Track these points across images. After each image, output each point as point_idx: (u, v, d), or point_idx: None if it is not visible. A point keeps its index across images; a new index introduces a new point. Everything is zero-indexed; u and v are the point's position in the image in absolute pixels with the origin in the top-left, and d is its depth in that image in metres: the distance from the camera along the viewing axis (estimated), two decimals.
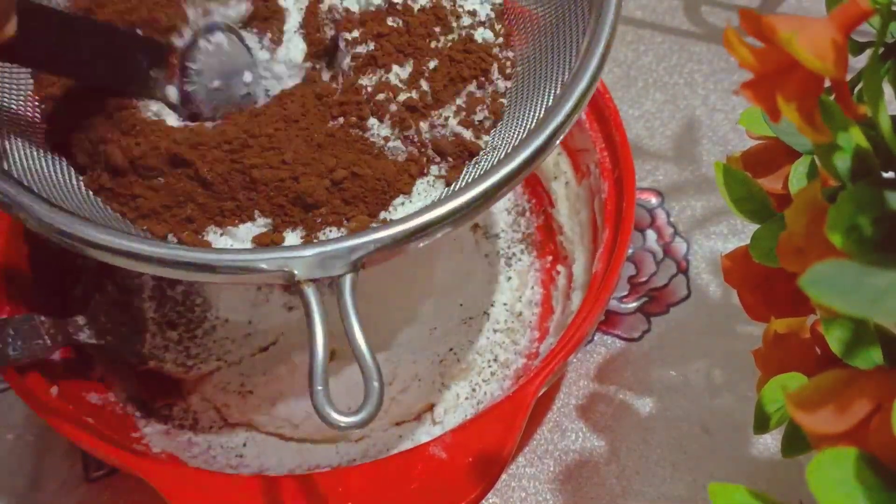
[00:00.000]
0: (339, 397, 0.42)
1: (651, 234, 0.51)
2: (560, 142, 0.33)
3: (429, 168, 0.36)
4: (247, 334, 0.43)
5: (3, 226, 0.42)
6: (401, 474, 0.35)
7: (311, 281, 0.30)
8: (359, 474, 0.35)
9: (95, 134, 0.35)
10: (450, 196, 0.32)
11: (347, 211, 0.35)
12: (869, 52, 0.29)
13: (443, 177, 0.36)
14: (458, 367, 0.45)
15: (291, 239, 0.34)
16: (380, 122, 0.36)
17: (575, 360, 0.46)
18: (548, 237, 0.50)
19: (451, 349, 0.45)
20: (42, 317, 0.39)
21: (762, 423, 0.32)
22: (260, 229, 0.34)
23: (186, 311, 0.43)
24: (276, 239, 0.34)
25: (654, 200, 0.52)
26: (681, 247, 0.50)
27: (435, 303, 0.46)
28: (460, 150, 0.36)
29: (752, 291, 0.35)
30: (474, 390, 0.44)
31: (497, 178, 0.32)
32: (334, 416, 0.28)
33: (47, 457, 0.43)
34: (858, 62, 0.29)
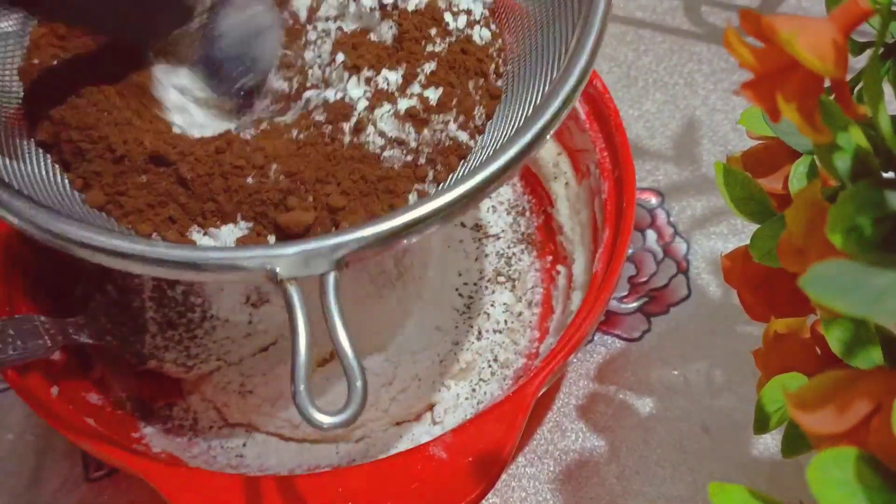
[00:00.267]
0: (339, 397, 0.43)
1: (651, 234, 0.51)
2: (550, 137, 0.33)
3: (426, 172, 0.36)
4: (247, 334, 0.43)
5: (2, 226, 0.42)
6: (401, 474, 0.35)
7: (294, 279, 0.29)
8: (359, 474, 0.35)
9: (81, 130, 0.34)
10: (436, 194, 0.31)
11: (338, 221, 0.34)
12: (869, 52, 0.29)
13: (435, 179, 0.36)
14: (458, 367, 0.45)
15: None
16: (376, 130, 0.35)
17: (575, 360, 0.46)
18: (548, 237, 0.50)
19: (451, 349, 0.45)
20: (42, 317, 0.39)
21: (762, 423, 0.32)
22: (242, 232, 0.34)
23: (186, 311, 0.43)
24: (259, 242, 0.34)
25: (654, 200, 0.52)
26: (681, 247, 0.50)
27: (435, 303, 0.46)
28: (456, 152, 0.36)
29: (752, 291, 0.35)
30: (474, 390, 0.44)
31: (483, 177, 0.31)
32: (317, 416, 0.27)
33: (47, 457, 0.43)
34: (858, 62, 0.29)
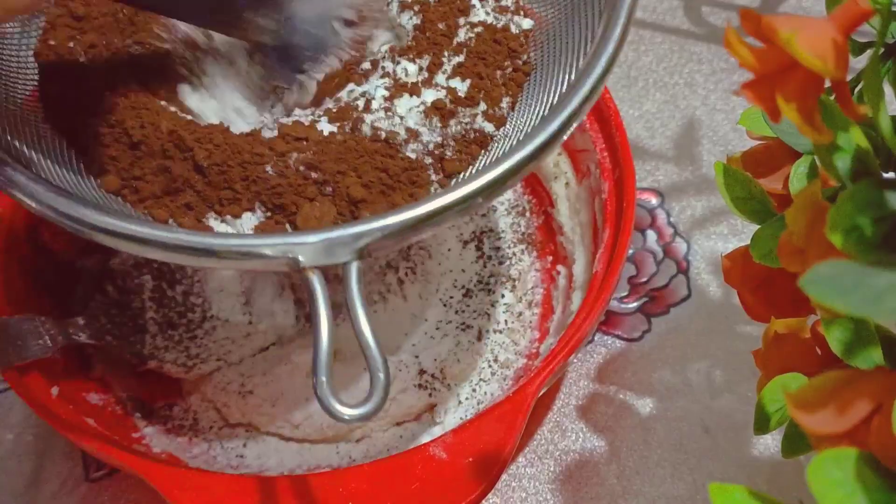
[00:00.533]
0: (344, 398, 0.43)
1: (651, 235, 0.51)
2: (574, 128, 0.32)
3: (448, 163, 0.35)
4: (247, 334, 0.43)
5: (2, 226, 0.42)
6: (401, 474, 0.35)
7: (316, 268, 0.29)
8: (359, 474, 0.35)
9: (97, 114, 0.34)
10: (459, 183, 0.31)
11: (358, 213, 0.34)
12: (869, 53, 0.29)
13: (456, 170, 0.35)
14: (458, 367, 0.45)
15: None
16: (400, 123, 0.35)
17: (575, 361, 0.46)
18: (548, 237, 0.50)
19: (451, 349, 0.45)
20: (42, 317, 0.39)
21: (762, 424, 0.32)
22: (260, 220, 0.34)
23: (186, 311, 0.43)
24: (277, 230, 0.33)
25: (654, 200, 0.52)
26: (681, 247, 0.50)
27: (435, 303, 0.46)
28: (479, 142, 0.36)
29: (753, 291, 0.35)
30: (474, 390, 0.44)
31: (506, 167, 0.31)
32: (338, 408, 0.27)
33: (47, 457, 0.43)
34: (858, 62, 0.29)
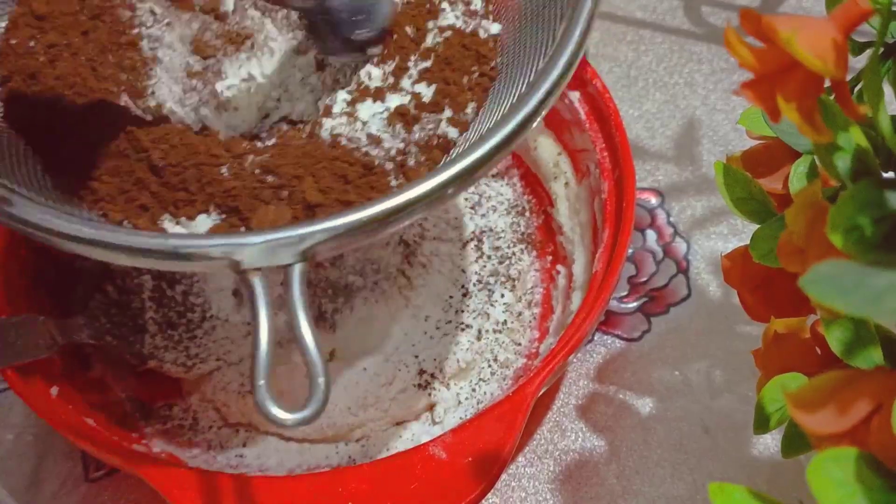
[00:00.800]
0: (337, 397, 0.43)
1: (651, 234, 0.51)
2: (534, 126, 0.31)
3: (409, 169, 0.34)
4: (247, 334, 0.43)
5: (2, 226, 0.42)
6: (401, 474, 0.35)
7: (258, 270, 0.28)
8: (359, 474, 0.35)
9: (57, 114, 0.34)
10: (410, 185, 0.30)
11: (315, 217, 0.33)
12: (869, 52, 0.29)
13: (416, 176, 0.34)
14: (458, 367, 0.44)
15: None
16: (361, 128, 0.34)
17: (575, 360, 0.46)
18: (548, 237, 0.50)
19: (451, 349, 0.45)
20: (42, 317, 0.39)
21: (762, 423, 0.32)
22: (215, 222, 0.33)
23: (186, 311, 0.43)
24: (231, 232, 0.33)
25: (654, 200, 0.52)
26: (681, 247, 0.50)
27: (435, 303, 0.46)
28: (441, 147, 0.35)
29: (752, 291, 0.35)
30: (474, 390, 0.44)
31: (455, 171, 0.30)
32: (276, 413, 0.27)
33: (47, 457, 0.43)
34: (858, 62, 0.29)
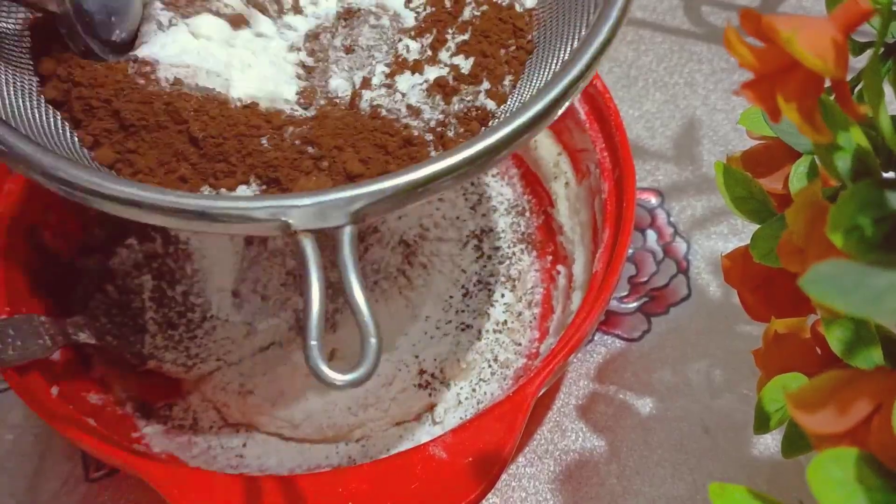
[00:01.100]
0: (337, 397, 0.43)
1: (651, 234, 0.51)
2: (571, 102, 0.32)
3: (448, 139, 0.35)
4: (247, 334, 0.43)
5: (2, 226, 0.42)
6: (401, 474, 0.35)
7: (309, 231, 0.29)
8: (359, 474, 0.35)
9: (91, 87, 0.34)
10: (453, 151, 0.31)
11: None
12: (869, 52, 0.29)
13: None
14: (458, 367, 0.45)
15: None
16: (402, 99, 0.35)
17: (575, 360, 0.46)
18: (548, 237, 0.50)
19: (451, 349, 0.45)
20: (42, 317, 0.39)
21: (762, 423, 0.32)
22: (255, 192, 0.33)
23: (186, 311, 0.43)
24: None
25: (654, 200, 0.52)
26: (681, 247, 0.50)
27: (435, 303, 0.46)
28: (480, 118, 0.36)
29: (752, 291, 0.35)
30: (474, 390, 0.44)
31: (502, 135, 0.30)
32: (328, 373, 0.27)
33: (47, 457, 0.43)
34: (858, 62, 0.29)
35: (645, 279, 0.49)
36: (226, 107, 0.34)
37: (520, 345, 0.46)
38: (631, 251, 0.50)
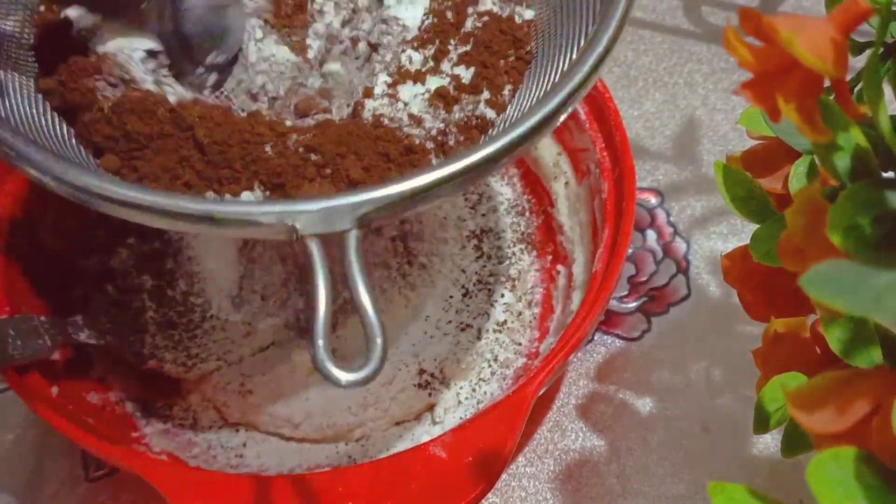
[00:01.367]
0: (337, 397, 0.43)
1: (651, 234, 0.51)
2: (571, 111, 0.33)
3: (449, 147, 0.35)
4: (247, 334, 0.43)
5: (3, 226, 0.42)
6: (401, 474, 0.35)
7: (315, 236, 0.29)
8: (359, 474, 0.35)
9: (96, 93, 0.34)
10: (458, 157, 0.31)
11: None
12: (869, 52, 0.29)
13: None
14: (458, 367, 0.45)
15: None
16: (403, 109, 0.35)
17: (575, 360, 0.46)
18: (548, 237, 0.50)
19: (451, 349, 0.45)
20: (42, 317, 0.39)
21: (762, 423, 0.32)
22: (259, 199, 0.33)
23: (186, 311, 0.43)
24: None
25: (654, 200, 0.52)
26: (681, 246, 0.50)
27: (435, 303, 0.46)
28: (479, 127, 0.36)
29: (752, 291, 0.35)
30: (474, 390, 0.44)
31: (504, 143, 0.31)
32: (335, 372, 0.27)
33: (47, 457, 0.43)
34: (858, 62, 0.29)
35: (645, 279, 0.49)
36: (230, 114, 0.34)
37: (520, 344, 0.46)
38: (631, 251, 0.50)
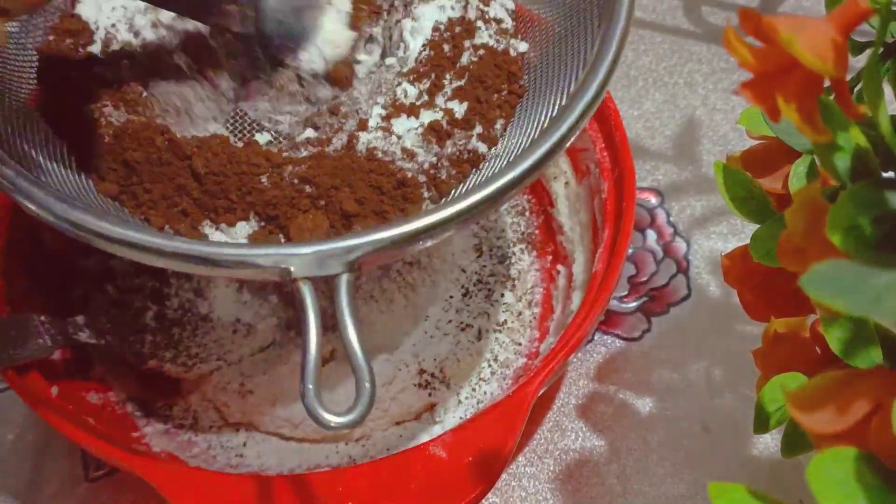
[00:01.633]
0: (337, 397, 0.43)
1: (651, 234, 0.51)
2: (564, 151, 0.33)
3: (440, 181, 0.36)
4: (247, 334, 0.43)
5: (3, 226, 0.42)
6: (401, 474, 0.35)
7: (307, 279, 0.30)
8: (359, 474, 0.35)
9: (96, 119, 0.34)
10: (451, 200, 0.32)
11: (351, 227, 0.34)
12: (869, 52, 0.29)
13: (447, 188, 0.36)
14: (458, 367, 0.45)
15: None
16: (396, 142, 0.36)
17: (575, 360, 0.46)
18: (548, 237, 0.50)
19: (451, 349, 0.45)
20: (42, 317, 0.39)
21: (762, 423, 0.32)
22: (254, 229, 0.34)
23: (186, 311, 0.43)
24: (270, 240, 0.34)
25: (654, 200, 0.52)
26: (681, 246, 0.50)
27: (435, 303, 0.46)
28: (471, 161, 0.36)
29: (752, 291, 0.35)
30: (474, 390, 0.44)
31: (498, 186, 0.31)
32: (325, 416, 0.28)
33: (47, 457, 0.43)
34: (858, 62, 0.29)
35: (645, 279, 0.49)
36: (227, 144, 0.35)
37: (520, 344, 0.46)
38: (631, 251, 0.50)
